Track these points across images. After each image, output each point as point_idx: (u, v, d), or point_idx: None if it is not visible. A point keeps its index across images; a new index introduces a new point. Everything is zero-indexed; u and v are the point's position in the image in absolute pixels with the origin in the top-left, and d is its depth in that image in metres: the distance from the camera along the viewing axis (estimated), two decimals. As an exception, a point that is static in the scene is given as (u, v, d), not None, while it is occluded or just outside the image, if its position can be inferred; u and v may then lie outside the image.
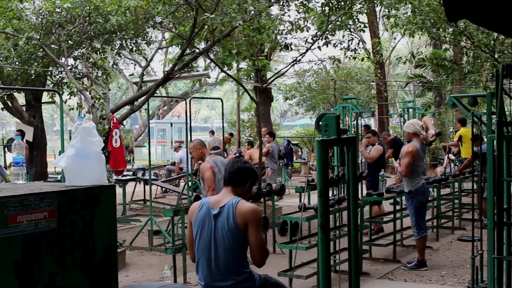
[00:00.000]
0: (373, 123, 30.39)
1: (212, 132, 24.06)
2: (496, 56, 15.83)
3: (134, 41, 14.86)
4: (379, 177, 10.40)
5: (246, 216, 4.31)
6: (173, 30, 14.08)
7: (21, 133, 13.72)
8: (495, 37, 15.06)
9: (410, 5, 16.40)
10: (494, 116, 6.30)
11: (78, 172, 3.27)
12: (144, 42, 15.57)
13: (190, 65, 13.20)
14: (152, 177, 14.56)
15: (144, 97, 12.15)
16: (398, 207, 9.89)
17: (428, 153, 20.33)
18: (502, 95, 6.07)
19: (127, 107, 12.95)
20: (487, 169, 5.81)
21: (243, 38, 12.91)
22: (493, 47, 15.59)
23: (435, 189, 11.29)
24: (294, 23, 12.65)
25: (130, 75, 20.84)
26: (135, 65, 26.61)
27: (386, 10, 18.10)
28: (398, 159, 9.16)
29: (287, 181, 19.12)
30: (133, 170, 16.92)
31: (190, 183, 12.60)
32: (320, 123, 4.15)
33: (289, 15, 12.77)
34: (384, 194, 9.50)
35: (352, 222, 4.21)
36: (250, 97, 15.58)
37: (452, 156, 17.12)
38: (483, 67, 17.99)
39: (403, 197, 9.52)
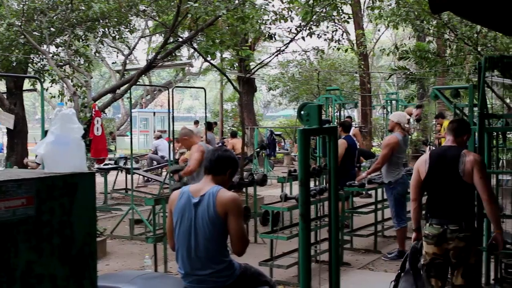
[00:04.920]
0: (356, 114, 30.41)
1: (197, 122, 24.07)
2: (479, 49, 15.90)
3: (117, 29, 14.74)
4: (361, 168, 10.42)
5: (226, 205, 4.30)
6: (157, 18, 14.00)
7: None
8: (478, 30, 15.12)
9: (394, -4, 16.43)
10: (476, 108, 6.34)
11: (57, 159, 3.23)
12: (127, 30, 15.45)
13: (173, 54, 13.14)
14: (134, 166, 14.52)
15: (127, 85, 12.09)
16: (379, 198, 9.95)
17: (410, 145, 20.41)
18: (484, 88, 6.11)
19: (109, 96, 12.88)
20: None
21: (227, 28, 12.87)
22: (476, 40, 15.65)
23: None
24: (278, 13, 12.63)
25: (113, 63, 20.69)
26: (117, 53, 26.43)
27: (371, 1, 18.13)
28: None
29: (269, 171, 19.13)
30: (115, 159, 16.85)
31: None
32: (302, 112, 4.15)
33: (273, 5, 12.73)
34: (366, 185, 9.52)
35: (332, 212, 4.21)
36: (233, 87, 15.54)
37: (433, 148, 17.21)
38: (466, 60, 18.08)
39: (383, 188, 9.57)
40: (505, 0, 5.04)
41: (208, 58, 12.79)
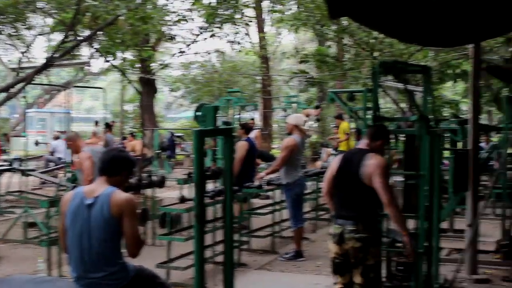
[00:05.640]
0: (257, 117, 30.65)
1: (97, 123, 23.65)
2: (375, 54, 16.41)
3: (13, 26, 14.27)
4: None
5: (121, 206, 4.23)
6: (56, 16, 13.66)
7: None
8: (375, 36, 15.60)
9: (295, 1, 16.72)
10: (370, 111, 6.55)
11: None
12: (24, 27, 14.99)
13: (72, 53, 12.87)
14: (29, 167, 14.10)
15: (22, 84, 11.74)
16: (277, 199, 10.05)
17: (309, 147, 20.79)
18: (377, 91, 6.32)
19: (3, 95, 12.45)
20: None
21: (128, 27, 12.71)
22: (373, 45, 16.14)
23: (315, 182, 11.52)
24: (180, 14, 12.59)
25: (9, 61, 20.02)
26: (14, 51, 25.56)
27: (272, 5, 18.35)
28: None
29: (169, 173, 18.99)
30: (9, 161, 16.27)
31: (69, 174, 12.30)
32: (198, 113, 4.16)
33: (173, 6, 12.69)
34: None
35: (227, 214, 4.24)
36: (134, 88, 15.38)
37: (332, 150, 17.57)
38: (363, 65, 18.61)
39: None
40: (401, 7, 5.22)
41: (110, 58, 12.61)
